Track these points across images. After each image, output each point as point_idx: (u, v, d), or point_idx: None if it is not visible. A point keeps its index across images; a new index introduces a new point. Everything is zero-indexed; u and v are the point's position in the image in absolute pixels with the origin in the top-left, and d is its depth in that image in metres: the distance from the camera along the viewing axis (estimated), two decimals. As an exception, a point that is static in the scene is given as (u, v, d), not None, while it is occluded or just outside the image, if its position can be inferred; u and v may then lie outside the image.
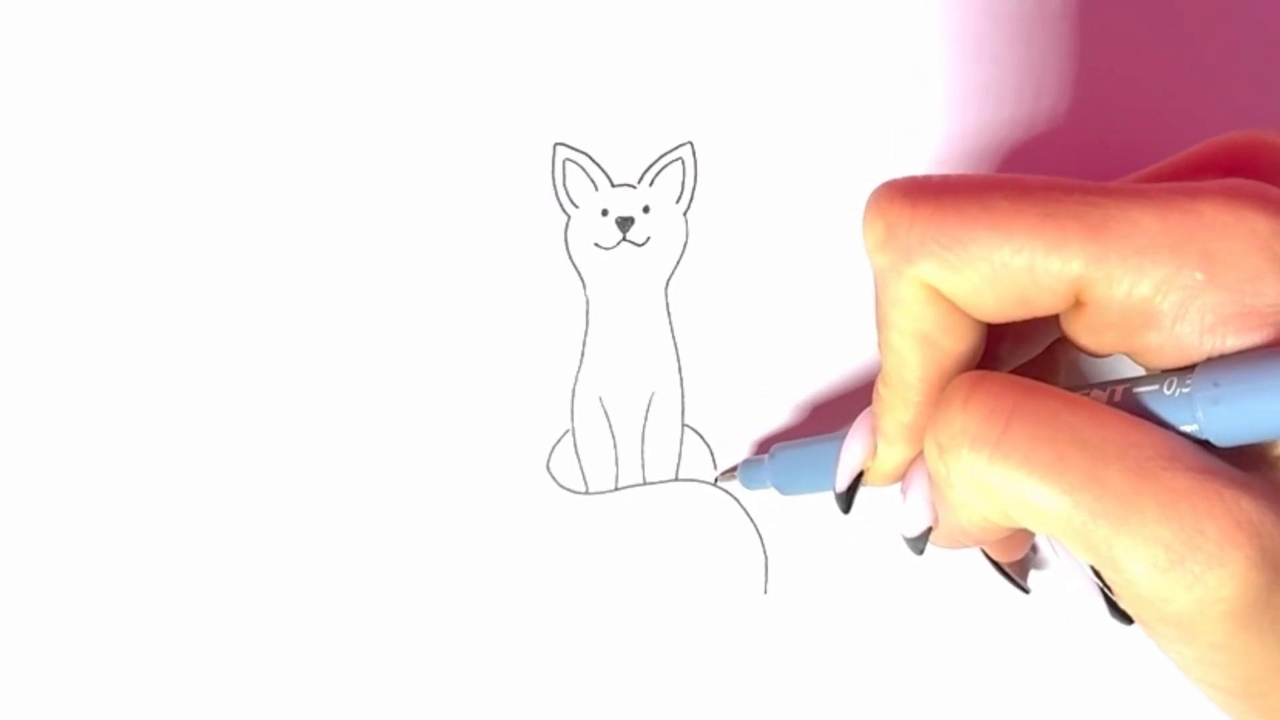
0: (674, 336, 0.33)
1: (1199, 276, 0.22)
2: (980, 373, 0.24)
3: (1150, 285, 0.22)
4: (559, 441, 0.33)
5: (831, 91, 0.33)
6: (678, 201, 0.33)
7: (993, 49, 0.33)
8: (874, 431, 0.27)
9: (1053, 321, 0.25)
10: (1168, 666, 0.24)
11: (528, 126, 0.32)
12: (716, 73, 0.33)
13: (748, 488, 0.32)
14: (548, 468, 0.33)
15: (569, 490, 0.33)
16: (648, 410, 0.33)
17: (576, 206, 0.32)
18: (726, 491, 0.33)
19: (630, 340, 0.33)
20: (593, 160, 0.32)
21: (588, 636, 0.33)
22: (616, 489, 0.33)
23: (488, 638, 0.32)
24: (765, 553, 0.33)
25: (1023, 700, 0.33)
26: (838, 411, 0.33)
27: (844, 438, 0.28)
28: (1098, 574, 0.26)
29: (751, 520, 0.33)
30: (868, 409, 0.28)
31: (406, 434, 0.32)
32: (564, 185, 0.32)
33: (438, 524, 0.32)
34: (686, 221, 0.33)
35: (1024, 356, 0.27)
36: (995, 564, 0.31)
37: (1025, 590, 0.32)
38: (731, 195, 0.33)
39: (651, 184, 0.33)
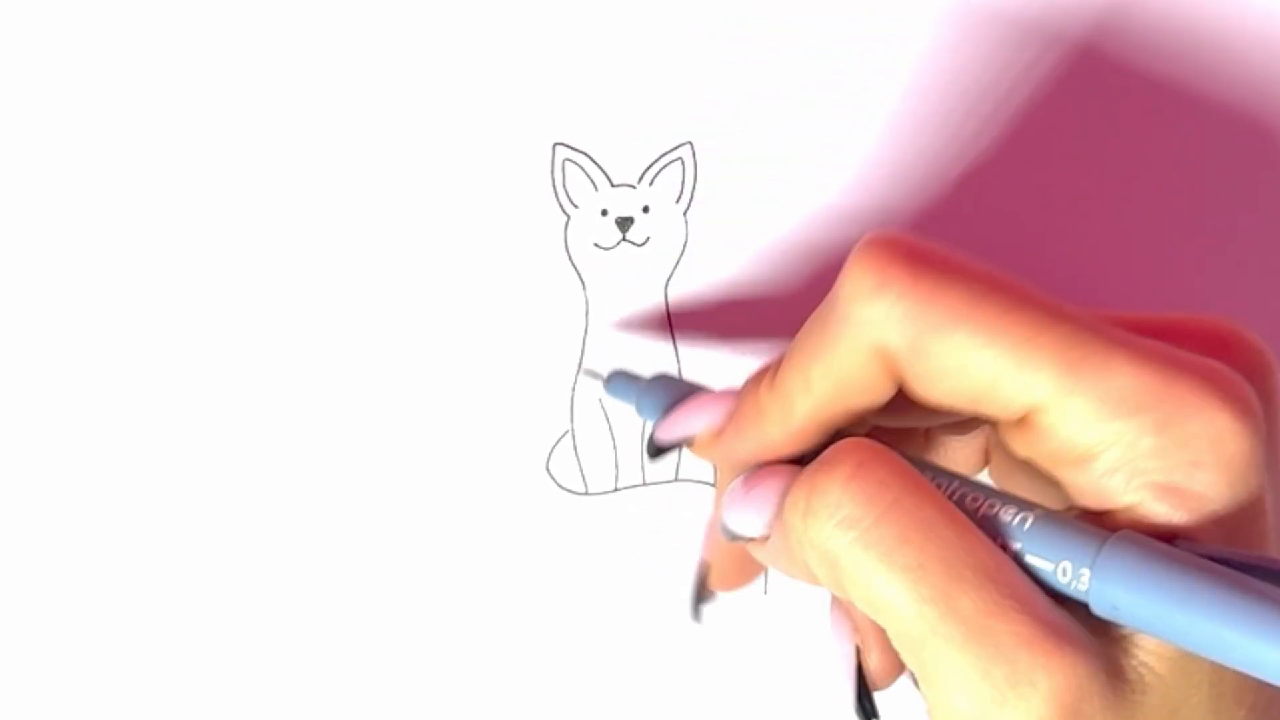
0: (674, 336, 0.33)
1: (1147, 442, 0.22)
2: (871, 448, 0.24)
3: (1099, 434, 0.22)
4: (559, 442, 0.33)
5: (831, 91, 0.33)
6: (677, 201, 0.33)
7: (989, 45, 0.33)
8: (728, 415, 0.27)
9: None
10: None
11: (528, 126, 0.32)
12: (716, 73, 0.32)
13: (610, 394, 0.31)
14: (547, 468, 0.33)
15: (569, 491, 0.33)
16: (647, 410, 0.33)
17: (576, 206, 0.32)
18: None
19: (630, 340, 0.33)
20: (592, 160, 0.32)
21: (588, 636, 0.33)
22: (616, 489, 0.33)
23: (487, 638, 0.33)
24: (765, 552, 0.33)
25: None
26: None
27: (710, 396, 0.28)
28: (859, 666, 0.27)
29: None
30: (729, 389, 0.27)
31: (407, 434, 0.32)
32: (564, 185, 0.32)
33: (438, 524, 0.32)
34: (686, 221, 0.33)
35: (925, 424, 0.27)
36: (702, 580, 0.30)
37: (697, 619, 0.30)
38: (731, 195, 0.33)
39: (651, 184, 0.33)
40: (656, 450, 0.28)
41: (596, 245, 0.33)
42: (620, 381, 0.31)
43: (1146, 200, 0.34)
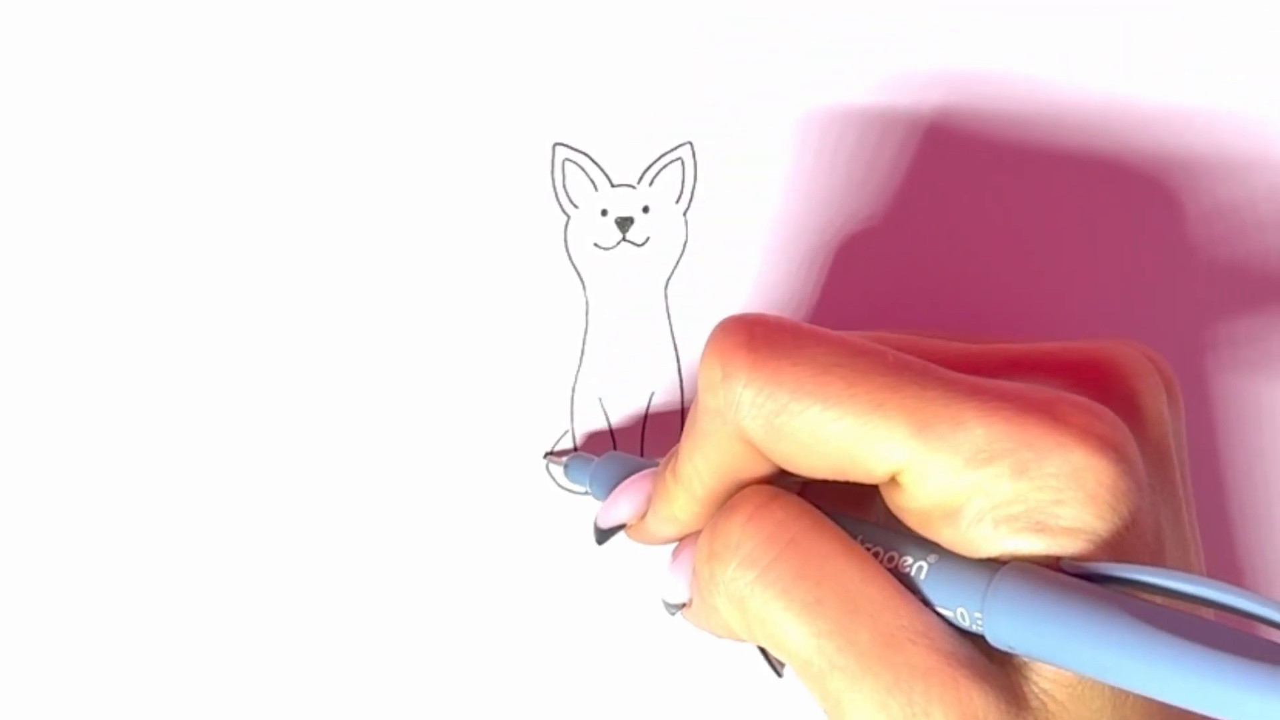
0: (674, 336, 0.33)
1: (1006, 488, 0.22)
2: (772, 492, 0.25)
3: (958, 487, 0.22)
4: (559, 441, 0.33)
5: (831, 91, 0.33)
6: (677, 201, 0.33)
7: (992, 46, 0.33)
8: (649, 498, 0.28)
9: None
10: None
11: (528, 126, 0.32)
12: (716, 73, 0.32)
13: (570, 481, 0.32)
14: (547, 468, 0.32)
15: (568, 490, 0.33)
16: (647, 410, 0.33)
17: (576, 207, 0.32)
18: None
19: (630, 340, 0.33)
20: (592, 160, 0.32)
21: (587, 636, 0.33)
22: (616, 489, 0.33)
23: (487, 638, 0.32)
24: (765, 553, 0.33)
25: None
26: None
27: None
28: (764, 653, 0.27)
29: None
30: (651, 471, 0.28)
31: (406, 434, 0.32)
32: (564, 185, 0.32)
33: (437, 524, 0.32)
34: (686, 221, 0.33)
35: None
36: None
37: (778, 673, 0.32)
38: (731, 195, 0.33)
39: (651, 184, 0.33)
40: (600, 536, 0.29)
41: (596, 245, 0.33)
42: (577, 464, 0.32)
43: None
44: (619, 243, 0.33)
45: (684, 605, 0.28)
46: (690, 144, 0.33)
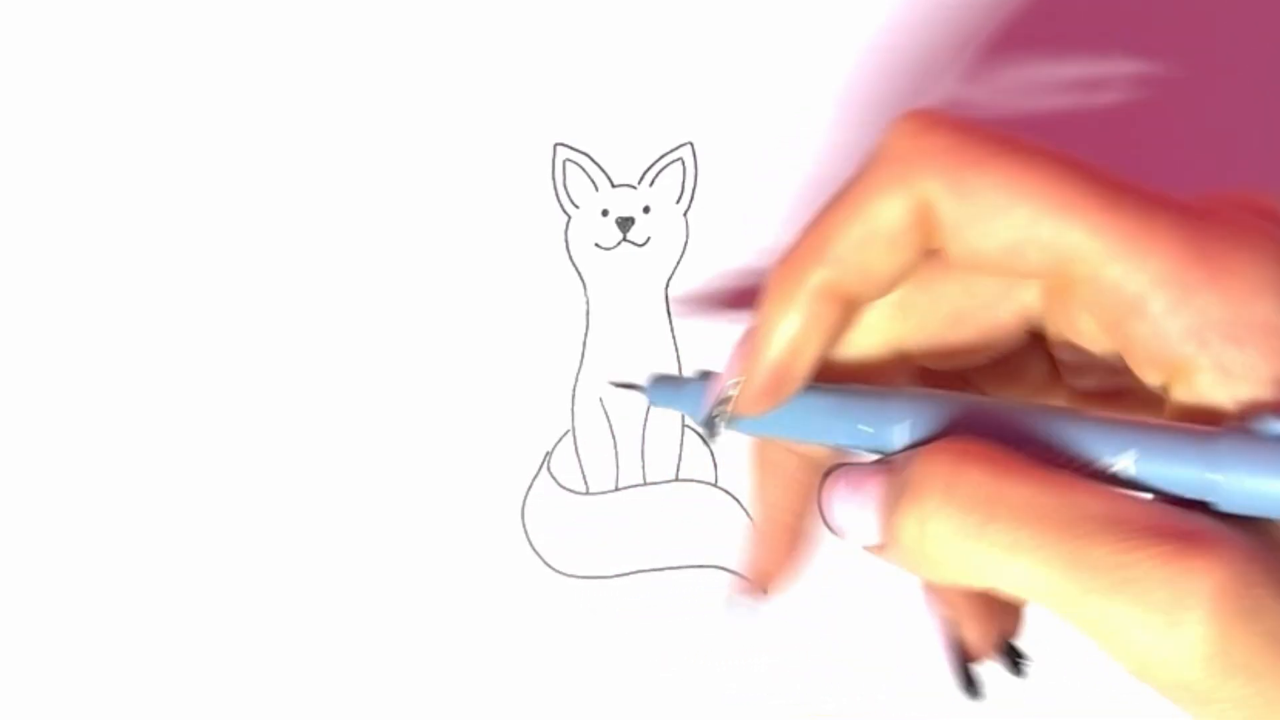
0: (674, 336, 0.33)
1: (1198, 276, 0.22)
2: (959, 451, 0.23)
3: (1148, 275, 0.22)
4: (559, 441, 0.33)
5: (831, 91, 0.33)
6: (678, 202, 0.33)
7: (992, 51, 0.33)
8: (748, 356, 0.25)
9: (1012, 332, 0.25)
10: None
11: (528, 127, 0.32)
12: (716, 73, 0.33)
13: (654, 404, 0.28)
14: (548, 468, 0.33)
15: (570, 490, 0.33)
16: (648, 410, 0.33)
17: (577, 207, 0.33)
18: (727, 492, 0.33)
19: (630, 340, 0.33)
20: (593, 160, 0.32)
21: (587, 635, 0.33)
22: (617, 489, 0.33)
23: (487, 637, 0.32)
24: (766, 553, 0.33)
25: (1022, 698, 0.33)
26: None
27: None
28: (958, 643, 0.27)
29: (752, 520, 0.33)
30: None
31: (407, 435, 0.32)
32: (564, 185, 0.32)
33: (437, 524, 0.32)
34: (686, 221, 0.33)
35: (978, 360, 0.27)
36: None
37: (1019, 672, 0.31)
38: (731, 195, 0.33)
39: (652, 184, 0.33)
40: (709, 425, 0.26)
41: (597, 245, 0.33)
42: (659, 388, 0.28)
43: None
44: (620, 243, 0.33)
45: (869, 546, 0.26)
46: (690, 144, 0.33)
